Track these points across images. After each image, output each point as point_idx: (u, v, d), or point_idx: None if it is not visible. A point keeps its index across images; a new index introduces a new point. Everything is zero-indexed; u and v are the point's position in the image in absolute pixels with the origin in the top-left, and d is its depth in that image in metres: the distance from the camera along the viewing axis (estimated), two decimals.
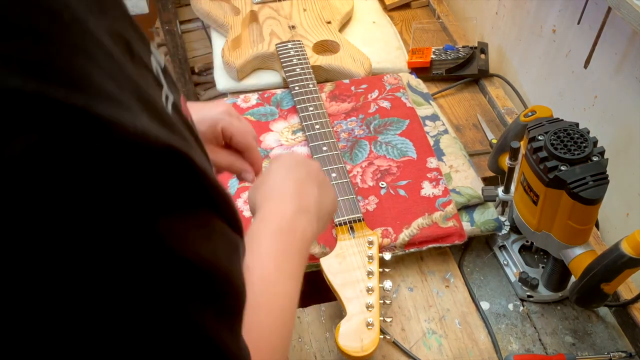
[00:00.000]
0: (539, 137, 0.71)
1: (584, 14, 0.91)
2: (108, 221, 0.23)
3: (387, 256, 0.79)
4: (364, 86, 1.09)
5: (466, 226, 0.86)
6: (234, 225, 0.34)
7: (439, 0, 1.45)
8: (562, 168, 0.68)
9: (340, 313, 0.79)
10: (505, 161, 0.84)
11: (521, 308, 0.83)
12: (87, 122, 0.22)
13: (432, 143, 0.98)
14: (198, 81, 2.04)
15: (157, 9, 1.75)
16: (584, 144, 0.69)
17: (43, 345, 0.22)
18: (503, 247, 0.89)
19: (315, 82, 1.06)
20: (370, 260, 0.76)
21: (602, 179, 0.67)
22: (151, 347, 0.26)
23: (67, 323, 0.23)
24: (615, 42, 0.87)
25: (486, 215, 0.88)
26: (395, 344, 0.76)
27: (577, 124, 0.72)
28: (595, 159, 0.68)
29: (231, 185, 0.92)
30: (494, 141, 1.01)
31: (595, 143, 0.70)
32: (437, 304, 0.81)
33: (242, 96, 1.09)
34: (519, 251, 0.87)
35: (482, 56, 1.22)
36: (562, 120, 0.73)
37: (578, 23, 0.93)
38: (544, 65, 1.10)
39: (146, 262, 0.25)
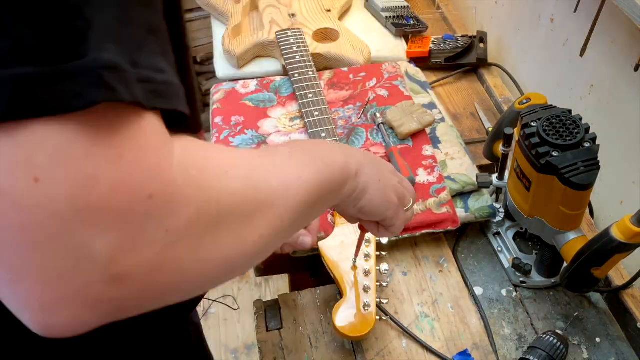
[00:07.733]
0: (532, 124, 0.72)
1: (580, 2, 0.91)
2: None
3: (384, 239, 0.81)
4: (362, 74, 1.10)
5: (461, 213, 0.87)
6: None
7: None
8: (554, 154, 0.68)
9: (334, 296, 0.80)
10: (500, 148, 0.84)
11: (514, 294, 0.84)
12: None
13: (428, 131, 0.98)
14: (200, 71, 2.05)
15: None
16: (575, 130, 0.70)
17: None
18: (497, 233, 0.90)
19: (314, 69, 1.07)
20: (367, 244, 0.78)
21: (593, 165, 0.67)
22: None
23: None
24: (612, 31, 0.87)
25: (481, 202, 0.89)
26: (388, 325, 0.77)
27: (569, 111, 0.72)
28: (586, 145, 0.69)
29: None
30: (491, 129, 1.02)
31: (587, 129, 0.70)
32: (431, 288, 0.82)
33: (241, 82, 1.10)
34: (513, 238, 0.88)
35: (481, 45, 1.22)
36: (555, 107, 0.74)
37: (574, 11, 0.93)
38: (542, 55, 1.11)
39: None
